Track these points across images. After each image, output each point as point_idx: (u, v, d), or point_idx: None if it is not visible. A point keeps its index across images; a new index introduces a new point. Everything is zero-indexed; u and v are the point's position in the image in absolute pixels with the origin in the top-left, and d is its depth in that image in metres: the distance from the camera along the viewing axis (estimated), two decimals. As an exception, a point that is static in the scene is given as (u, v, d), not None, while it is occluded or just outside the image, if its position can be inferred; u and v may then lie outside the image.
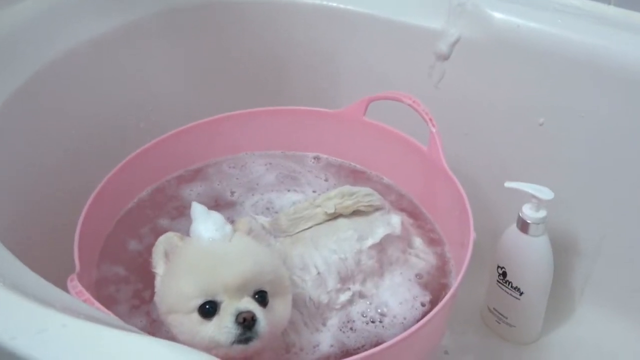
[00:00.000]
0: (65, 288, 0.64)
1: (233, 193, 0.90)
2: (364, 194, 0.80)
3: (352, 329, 0.73)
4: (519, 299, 0.93)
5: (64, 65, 0.90)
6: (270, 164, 0.94)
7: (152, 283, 0.69)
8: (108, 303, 0.72)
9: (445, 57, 0.99)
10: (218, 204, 0.87)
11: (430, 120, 0.82)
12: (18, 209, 0.83)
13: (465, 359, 0.97)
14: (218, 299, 0.63)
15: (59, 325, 0.50)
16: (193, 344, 0.61)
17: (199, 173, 0.93)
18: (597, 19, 0.93)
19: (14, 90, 0.83)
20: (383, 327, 0.74)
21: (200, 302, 0.63)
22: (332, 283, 0.74)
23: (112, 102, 0.97)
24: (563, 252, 0.97)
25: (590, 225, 0.97)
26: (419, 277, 0.79)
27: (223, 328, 0.62)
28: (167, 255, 0.67)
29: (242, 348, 0.62)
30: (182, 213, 0.86)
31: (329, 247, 0.76)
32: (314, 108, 0.95)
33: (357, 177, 0.93)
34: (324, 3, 1.05)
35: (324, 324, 0.74)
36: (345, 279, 0.75)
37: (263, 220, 0.79)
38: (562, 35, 0.92)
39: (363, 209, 0.79)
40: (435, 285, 0.78)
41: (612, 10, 0.95)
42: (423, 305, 0.76)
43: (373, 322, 0.74)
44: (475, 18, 0.96)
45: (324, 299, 0.74)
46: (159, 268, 0.68)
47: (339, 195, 0.79)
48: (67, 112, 0.91)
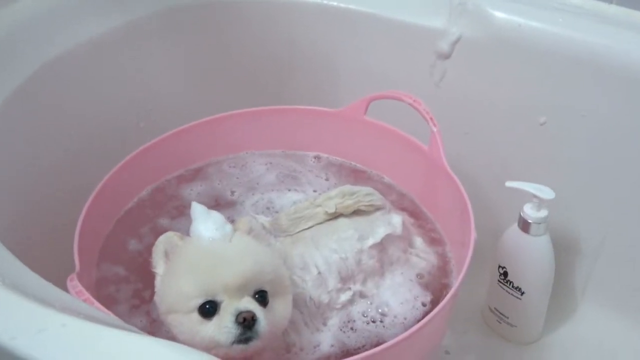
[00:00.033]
0: (65, 288, 0.64)
1: (233, 192, 0.89)
2: (365, 194, 0.80)
3: (352, 329, 0.73)
4: (520, 299, 0.93)
5: (64, 65, 0.89)
6: (271, 164, 0.94)
7: (152, 283, 0.69)
8: (108, 303, 0.71)
9: (446, 56, 0.98)
10: (218, 204, 0.87)
11: (431, 120, 0.82)
12: (18, 209, 0.83)
13: (466, 359, 0.97)
14: (218, 299, 0.63)
15: (59, 325, 0.50)
16: (193, 344, 0.61)
17: (199, 172, 0.92)
18: (598, 18, 0.93)
19: (14, 90, 0.82)
20: (384, 327, 0.74)
21: (200, 301, 0.63)
22: (332, 283, 0.74)
23: (112, 101, 0.97)
24: (564, 251, 0.97)
25: (592, 225, 0.97)
26: (420, 276, 0.79)
27: (223, 328, 0.62)
28: (167, 255, 0.67)
29: (242, 348, 0.62)
30: (182, 212, 0.85)
31: (330, 246, 0.76)
32: (315, 107, 0.95)
33: (357, 176, 0.93)
34: (325, 2, 1.04)
35: (325, 324, 0.74)
36: (346, 279, 0.75)
37: (263, 220, 0.79)
38: (563, 35, 0.92)
39: (364, 209, 0.79)
40: (436, 285, 0.78)
41: (613, 9, 0.95)
42: (424, 305, 0.76)
43: (374, 322, 0.74)
44: (477, 17, 0.96)
45: (325, 299, 0.74)
46: (159, 268, 0.68)
47: (340, 195, 0.79)
48: (66, 111, 0.91)
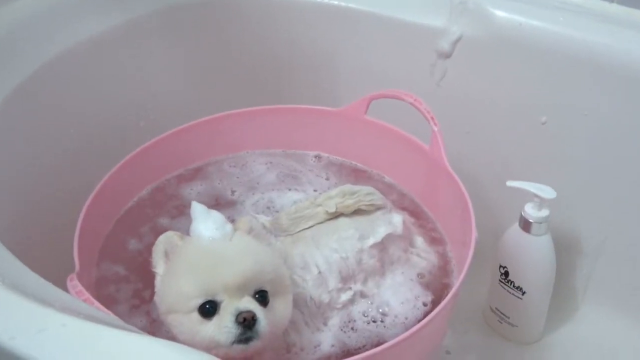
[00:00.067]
0: (65, 288, 0.64)
1: (233, 192, 0.89)
2: (365, 193, 0.79)
3: (353, 329, 0.73)
4: (521, 299, 0.93)
5: (64, 64, 0.89)
6: (271, 163, 0.94)
7: (152, 282, 0.69)
8: (108, 303, 0.71)
9: (447, 55, 0.98)
10: (218, 203, 0.87)
11: (432, 119, 0.82)
12: (17, 209, 0.82)
13: (467, 359, 0.96)
14: (218, 299, 0.63)
15: (59, 325, 0.50)
16: (193, 344, 0.61)
17: (199, 172, 0.92)
18: (599, 17, 0.93)
19: (13, 89, 0.82)
20: (384, 326, 0.73)
21: (200, 301, 0.63)
22: (333, 282, 0.74)
23: (111, 100, 0.97)
24: (565, 251, 0.97)
25: (593, 224, 0.97)
26: (421, 276, 0.79)
27: (223, 328, 0.62)
28: (167, 255, 0.67)
29: (242, 348, 0.62)
30: (182, 212, 0.85)
31: (330, 246, 0.75)
32: (315, 106, 0.94)
33: (358, 176, 0.93)
34: (325, 1, 1.04)
35: (325, 324, 0.73)
36: (347, 279, 0.75)
37: (264, 220, 0.78)
38: (564, 33, 0.92)
39: (364, 208, 0.79)
40: (437, 285, 0.78)
41: (614, 8, 0.95)
42: (425, 305, 0.75)
43: (374, 321, 0.74)
44: (477, 16, 0.96)
45: (325, 299, 0.73)
46: (159, 267, 0.68)
47: (340, 194, 0.78)
48: (66, 110, 0.91)
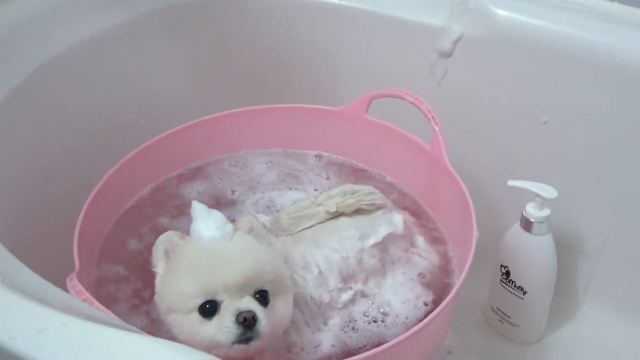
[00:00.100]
0: (65, 287, 0.64)
1: (234, 191, 0.89)
2: (366, 193, 0.79)
3: (353, 329, 0.73)
4: (523, 299, 0.92)
5: (64, 63, 0.89)
6: (272, 162, 0.94)
7: (152, 282, 0.68)
8: (108, 302, 0.71)
9: (448, 54, 0.98)
10: (219, 203, 0.87)
11: (433, 118, 0.82)
12: (17, 208, 0.82)
13: (468, 359, 0.96)
14: (218, 299, 0.63)
15: (59, 325, 0.50)
16: (193, 344, 0.61)
17: (200, 171, 0.92)
18: (600, 16, 0.93)
19: (14, 88, 0.82)
20: (385, 326, 0.73)
21: (201, 301, 0.62)
22: (333, 282, 0.74)
23: (112, 99, 0.97)
24: (566, 251, 0.97)
25: (594, 224, 0.97)
26: (422, 276, 0.78)
27: (223, 328, 0.62)
28: (167, 255, 0.67)
29: (242, 348, 0.62)
30: (182, 212, 0.85)
31: (331, 245, 0.75)
32: (316, 106, 0.94)
33: (358, 175, 0.93)
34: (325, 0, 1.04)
35: (326, 324, 0.73)
36: (347, 278, 0.75)
37: (264, 219, 0.78)
38: (565, 32, 0.92)
39: (365, 208, 0.79)
40: (438, 285, 0.78)
41: (615, 7, 0.95)
42: (425, 305, 0.75)
43: (375, 321, 0.74)
44: (478, 15, 0.96)
45: (326, 298, 0.73)
46: (159, 267, 0.68)
47: (341, 194, 0.78)
48: (67, 109, 0.91)
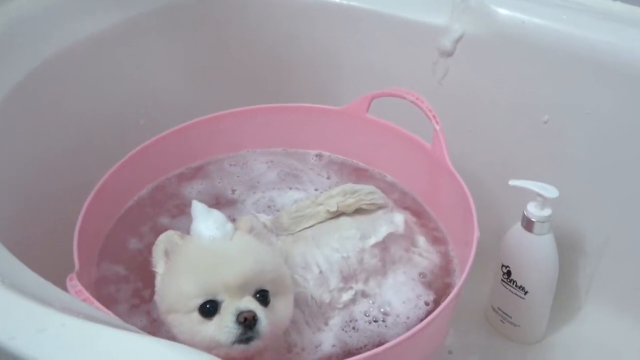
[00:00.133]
0: (65, 287, 0.64)
1: (234, 191, 0.89)
2: (367, 192, 0.79)
3: (354, 329, 0.73)
4: (524, 298, 0.92)
5: (63, 62, 0.89)
6: (272, 162, 0.94)
7: (152, 282, 0.68)
8: (108, 302, 0.71)
9: (449, 53, 0.98)
10: (219, 202, 0.87)
11: (434, 118, 0.82)
12: (17, 208, 0.82)
13: (469, 359, 0.96)
14: (219, 298, 0.62)
15: (58, 325, 0.50)
16: (193, 344, 0.60)
17: (200, 171, 0.92)
18: (601, 15, 0.93)
19: (13, 87, 0.82)
20: (386, 326, 0.73)
21: (201, 301, 0.62)
22: (334, 282, 0.74)
23: (111, 99, 0.97)
24: (568, 250, 0.97)
25: (595, 223, 0.97)
26: (423, 276, 0.78)
27: (224, 328, 0.61)
28: (167, 254, 0.67)
29: (243, 348, 0.62)
30: (182, 211, 0.85)
31: (331, 245, 0.75)
32: (316, 105, 0.94)
33: (359, 174, 0.93)
34: (326, -1, 1.04)
35: (326, 324, 0.73)
36: (348, 278, 0.75)
37: (264, 219, 0.78)
38: (566, 31, 0.92)
39: (366, 207, 0.78)
40: (439, 285, 0.78)
41: (617, 6, 0.95)
42: (426, 305, 0.75)
43: (376, 321, 0.74)
44: (479, 14, 0.96)
45: (326, 298, 0.73)
46: (159, 267, 0.68)
47: (342, 193, 0.78)
48: (66, 109, 0.91)
